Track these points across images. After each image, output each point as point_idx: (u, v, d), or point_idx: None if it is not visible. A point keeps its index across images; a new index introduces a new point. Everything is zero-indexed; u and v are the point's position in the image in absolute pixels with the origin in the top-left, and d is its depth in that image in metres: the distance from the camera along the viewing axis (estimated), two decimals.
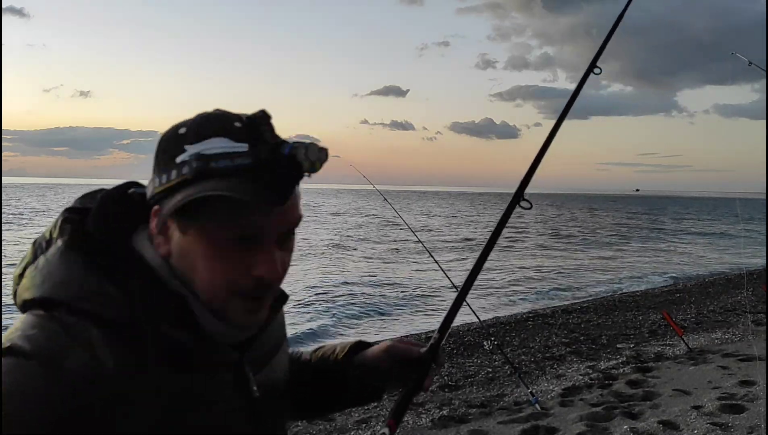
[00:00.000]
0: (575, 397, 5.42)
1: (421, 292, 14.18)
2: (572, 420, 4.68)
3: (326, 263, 19.28)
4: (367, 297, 13.38)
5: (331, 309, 12.10)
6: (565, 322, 9.98)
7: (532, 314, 11.20)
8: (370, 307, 12.46)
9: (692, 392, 5.17)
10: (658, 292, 13.77)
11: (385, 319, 11.64)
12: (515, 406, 5.36)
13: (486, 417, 5.11)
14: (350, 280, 15.72)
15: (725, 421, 4.28)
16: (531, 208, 1.41)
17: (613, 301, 12.31)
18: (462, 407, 5.50)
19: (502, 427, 4.73)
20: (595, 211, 67.61)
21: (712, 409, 4.58)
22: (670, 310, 10.40)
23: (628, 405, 4.99)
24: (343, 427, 5.26)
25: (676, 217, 54.68)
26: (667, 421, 4.41)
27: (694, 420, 4.37)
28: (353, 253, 22.66)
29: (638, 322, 9.66)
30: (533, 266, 19.56)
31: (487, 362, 7.35)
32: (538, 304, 13.15)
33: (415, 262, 19.60)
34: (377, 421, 5.33)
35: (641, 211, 67.32)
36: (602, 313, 10.70)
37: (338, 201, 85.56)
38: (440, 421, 5.12)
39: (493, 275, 17.65)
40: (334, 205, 68.95)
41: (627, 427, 4.36)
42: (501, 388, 6.14)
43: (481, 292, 14.72)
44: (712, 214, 61.05)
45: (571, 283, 16.44)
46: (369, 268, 18.51)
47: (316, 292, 13.79)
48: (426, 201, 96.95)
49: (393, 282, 15.62)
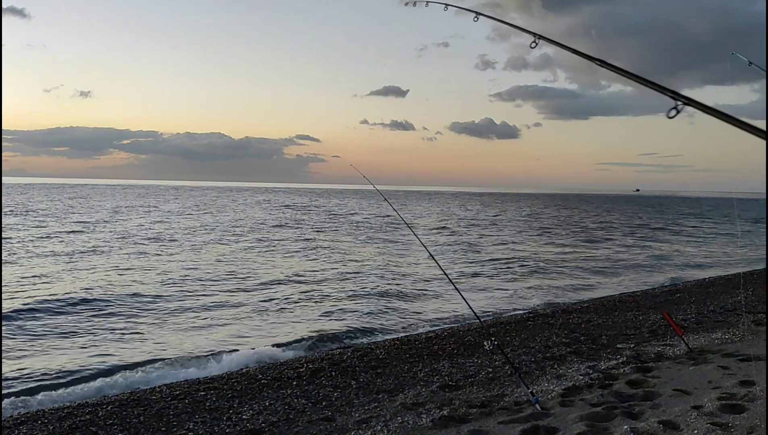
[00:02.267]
0: (575, 397, 5.42)
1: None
2: (572, 420, 4.68)
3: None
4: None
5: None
6: (565, 322, 9.98)
7: (532, 314, 11.21)
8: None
9: (692, 392, 5.18)
10: (658, 292, 13.78)
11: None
12: (515, 406, 5.36)
13: (486, 417, 5.11)
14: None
15: (725, 421, 4.28)
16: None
17: (613, 301, 12.31)
18: (462, 407, 5.50)
19: (503, 427, 4.73)
20: (596, 211, 67.59)
21: (712, 409, 4.58)
22: (670, 310, 10.40)
23: (628, 405, 4.99)
24: (343, 427, 5.27)
25: (676, 217, 54.68)
26: (667, 421, 4.41)
27: (694, 420, 4.38)
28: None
29: (638, 322, 9.67)
30: (533, 267, 19.55)
31: (488, 362, 7.35)
32: (538, 304, 13.15)
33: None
34: (377, 421, 5.34)
35: (642, 211, 67.28)
36: (602, 313, 10.71)
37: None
38: (440, 421, 5.13)
39: (494, 276, 17.65)
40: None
41: (627, 427, 4.36)
42: (501, 388, 6.15)
43: (481, 291, 14.72)
44: (712, 214, 61.06)
45: (572, 282, 16.45)
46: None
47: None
48: (436, 202, 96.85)
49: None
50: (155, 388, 7.06)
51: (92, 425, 5.65)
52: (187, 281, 14.98)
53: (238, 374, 7.56)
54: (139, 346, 9.27)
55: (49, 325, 10.30)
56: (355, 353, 8.35)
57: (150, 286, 14.05)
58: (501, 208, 72.73)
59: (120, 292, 13.18)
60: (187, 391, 6.73)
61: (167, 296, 12.95)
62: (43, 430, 5.58)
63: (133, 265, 17.69)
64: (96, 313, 11.24)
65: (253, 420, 5.66)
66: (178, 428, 5.53)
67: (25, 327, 10.12)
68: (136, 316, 11.17)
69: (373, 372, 7.30)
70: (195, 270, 16.89)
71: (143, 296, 12.83)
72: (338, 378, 7.08)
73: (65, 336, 9.71)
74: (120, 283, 14.43)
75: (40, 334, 9.74)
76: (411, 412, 5.49)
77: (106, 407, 6.19)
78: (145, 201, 67.94)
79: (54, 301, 11.88)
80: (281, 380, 7.08)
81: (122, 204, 58.44)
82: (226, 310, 11.91)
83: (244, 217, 42.10)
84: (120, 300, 12.38)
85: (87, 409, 6.16)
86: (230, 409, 6.04)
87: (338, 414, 5.71)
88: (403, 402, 5.91)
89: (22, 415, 6.09)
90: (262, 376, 7.28)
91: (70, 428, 5.60)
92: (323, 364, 7.72)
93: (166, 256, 20.08)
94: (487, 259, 21.33)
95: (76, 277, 15.22)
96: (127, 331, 10.13)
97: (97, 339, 9.56)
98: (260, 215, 45.44)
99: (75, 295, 12.58)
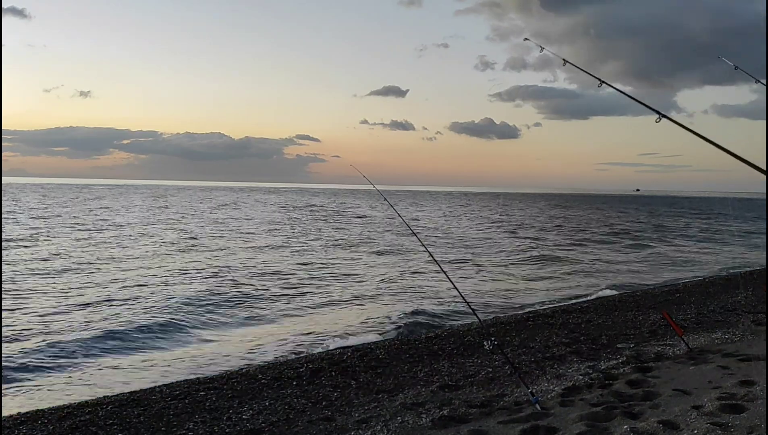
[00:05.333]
0: (575, 397, 5.42)
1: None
2: (572, 420, 4.68)
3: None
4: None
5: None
6: (565, 322, 9.98)
7: (532, 314, 11.21)
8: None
9: (692, 392, 5.17)
10: (658, 292, 13.76)
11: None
12: (515, 406, 5.36)
13: (486, 417, 5.11)
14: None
15: (725, 421, 4.27)
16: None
17: (613, 301, 12.30)
18: (462, 407, 5.50)
19: (502, 427, 4.73)
20: (598, 210, 67.57)
21: (712, 409, 4.58)
22: (670, 310, 10.40)
23: (628, 405, 4.99)
24: (343, 427, 5.27)
25: (676, 217, 54.64)
26: (667, 421, 4.40)
27: (694, 420, 4.37)
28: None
29: (638, 322, 9.66)
30: (533, 266, 19.55)
31: (487, 362, 7.35)
32: (538, 304, 13.15)
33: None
34: (377, 421, 5.34)
35: (643, 211, 67.25)
36: (602, 313, 10.70)
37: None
38: (440, 420, 5.13)
39: (494, 275, 17.66)
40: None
41: (627, 427, 4.36)
42: (501, 388, 6.15)
43: (481, 291, 14.72)
44: (712, 214, 61.02)
45: (572, 282, 16.46)
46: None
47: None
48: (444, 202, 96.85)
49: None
50: (155, 388, 7.06)
51: (92, 425, 5.65)
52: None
53: (238, 374, 7.56)
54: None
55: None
56: (355, 353, 8.35)
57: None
58: (536, 208, 72.72)
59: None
60: (187, 391, 6.73)
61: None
62: (43, 430, 5.58)
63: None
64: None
65: (253, 420, 5.66)
66: (178, 428, 5.53)
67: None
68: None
69: (373, 372, 7.30)
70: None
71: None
72: (338, 378, 7.08)
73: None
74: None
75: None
76: (411, 412, 5.49)
77: (106, 407, 6.19)
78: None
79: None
80: (281, 380, 7.08)
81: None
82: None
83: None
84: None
85: (87, 409, 6.16)
86: (230, 409, 6.04)
87: (338, 414, 5.71)
88: (403, 402, 5.91)
89: (22, 415, 6.09)
90: (262, 376, 7.28)
91: (70, 428, 5.60)
92: (323, 364, 7.72)
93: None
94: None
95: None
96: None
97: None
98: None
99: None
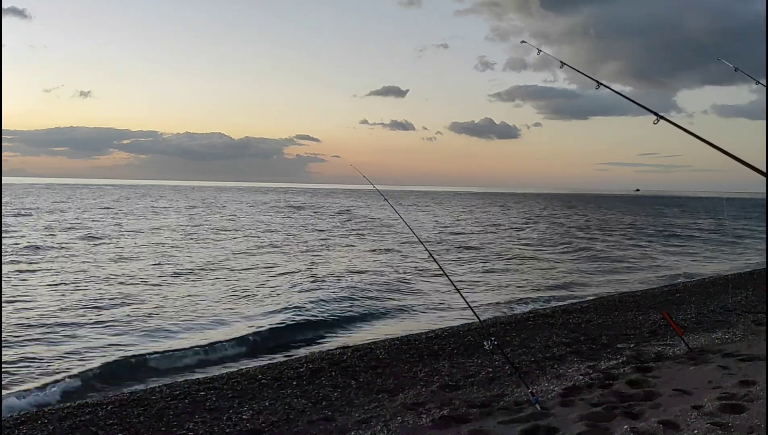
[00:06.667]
0: (575, 397, 5.42)
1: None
2: (572, 420, 4.68)
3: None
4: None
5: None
6: (565, 322, 9.98)
7: (532, 314, 11.21)
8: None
9: (692, 392, 5.17)
10: (658, 292, 13.77)
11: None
12: (515, 405, 5.36)
13: (486, 417, 5.11)
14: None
15: (725, 421, 4.27)
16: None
17: (613, 301, 12.31)
18: (462, 407, 5.50)
19: (503, 427, 4.73)
20: (600, 210, 67.57)
21: (712, 409, 4.57)
22: (670, 310, 10.40)
23: (628, 405, 4.99)
24: (343, 427, 5.27)
25: (676, 216, 54.64)
26: (667, 421, 4.40)
27: (694, 420, 4.37)
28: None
29: (638, 322, 9.66)
30: (534, 265, 19.54)
31: (488, 362, 7.35)
32: (538, 304, 13.15)
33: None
34: (377, 421, 5.34)
35: (644, 211, 67.25)
36: (602, 313, 10.70)
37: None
38: (441, 420, 5.12)
39: (495, 274, 17.66)
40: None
41: (627, 426, 4.36)
42: (501, 388, 6.14)
43: (481, 291, 14.72)
44: (711, 214, 61.01)
45: (572, 283, 16.45)
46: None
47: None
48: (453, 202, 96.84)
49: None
50: (155, 388, 7.06)
51: (92, 425, 5.65)
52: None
53: (238, 374, 7.56)
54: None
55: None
56: (355, 353, 8.35)
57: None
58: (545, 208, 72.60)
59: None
60: (187, 391, 6.72)
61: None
62: (43, 430, 5.58)
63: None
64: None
65: (253, 420, 5.65)
66: (178, 428, 5.52)
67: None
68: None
69: (373, 372, 7.30)
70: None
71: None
72: (338, 378, 7.08)
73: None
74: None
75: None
76: (411, 412, 5.48)
77: (106, 407, 6.19)
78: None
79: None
80: (281, 380, 7.08)
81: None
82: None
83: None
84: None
85: (87, 409, 6.15)
86: (230, 409, 6.04)
87: (338, 414, 5.71)
88: (403, 402, 5.91)
89: (22, 415, 6.09)
90: (262, 376, 7.28)
91: (70, 428, 5.60)
92: (323, 364, 7.72)
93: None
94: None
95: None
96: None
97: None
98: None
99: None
